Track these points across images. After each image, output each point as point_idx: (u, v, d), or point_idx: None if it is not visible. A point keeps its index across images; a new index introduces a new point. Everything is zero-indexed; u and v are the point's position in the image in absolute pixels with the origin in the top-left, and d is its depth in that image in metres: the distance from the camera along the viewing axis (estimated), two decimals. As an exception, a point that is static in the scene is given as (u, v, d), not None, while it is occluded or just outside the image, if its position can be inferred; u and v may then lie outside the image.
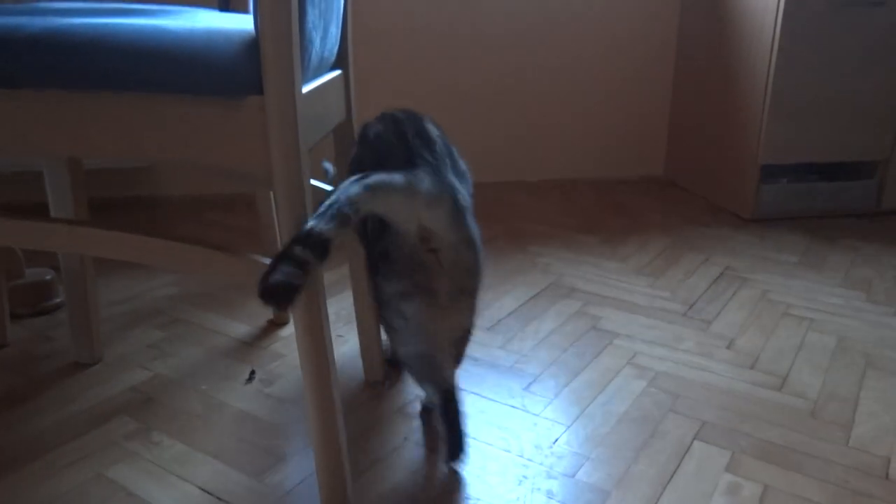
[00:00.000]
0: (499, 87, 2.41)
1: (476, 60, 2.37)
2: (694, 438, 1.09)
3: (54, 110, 0.77)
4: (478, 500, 0.95)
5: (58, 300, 1.48)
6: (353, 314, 1.22)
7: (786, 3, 1.94)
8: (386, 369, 1.24)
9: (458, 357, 1.06)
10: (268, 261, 0.82)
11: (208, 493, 0.95)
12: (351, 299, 1.51)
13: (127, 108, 0.76)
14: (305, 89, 0.84)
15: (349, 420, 1.12)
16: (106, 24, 0.76)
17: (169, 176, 2.23)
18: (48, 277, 1.47)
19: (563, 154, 2.55)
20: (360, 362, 1.28)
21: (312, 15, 0.83)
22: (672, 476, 1.00)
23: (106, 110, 0.77)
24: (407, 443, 1.06)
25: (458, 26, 2.32)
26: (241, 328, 1.41)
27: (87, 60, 0.73)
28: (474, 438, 1.08)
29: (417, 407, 1.15)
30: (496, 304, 1.55)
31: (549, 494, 0.96)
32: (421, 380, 1.05)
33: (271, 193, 1.37)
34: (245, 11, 1.27)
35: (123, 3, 1.60)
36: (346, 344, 1.36)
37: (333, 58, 1.02)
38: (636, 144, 2.60)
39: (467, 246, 0.94)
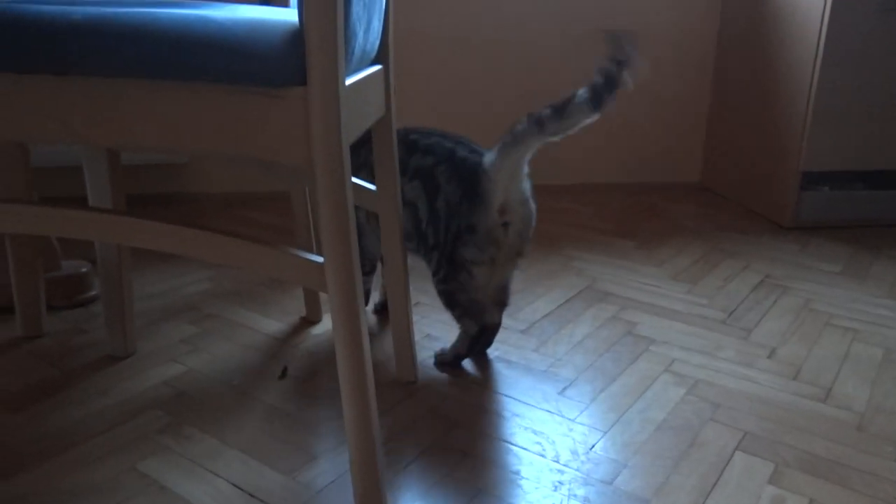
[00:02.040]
0: (535, 91, 2.39)
1: (513, 63, 2.35)
2: (735, 449, 1.05)
3: (99, 98, 0.77)
4: (513, 504, 0.93)
5: (93, 293, 1.49)
6: (387, 314, 1.21)
7: (832, 7, 1.89)
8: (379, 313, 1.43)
9: (503, 300, 1.28)
10: (308, 256, 0.81)
11: (240, 488, 0.94)
12: (384, 299, 1.50)
13: (170, 97, 0.76)
14: (348, 82, 0.83)
15: (382, 419, 1.10)
16: (151, 13, 0.76)
17: (203, 172, 2.24)
18: (84, 270, 1.48)
19: (599, 158, 2.52)
20: (393, 362, 1.26)
21: (357, 7, 0.82)
22: (713, 487, 0.97)
23: (149, 99, 0.76)
24: (440, 443, 1.05)
25: (497, 31, 2.30)
26: (273, 324, 1.40)
27: (132, 47, 0.73)
28: (509, 442, 1.05)
29: (446, 409, 1.14)
30: (530, 306, 1.52)
31: (586, 501, 0.93)
32: (463, 316, 1.23)
33: (306, 191, 1.36)
34: (285, 5, 1.26)
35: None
36: (379, 343, 1.35)
37: (375, 52, 1.01)
38: (673, 150, 2.56)
39: (530, 219, 1.20)
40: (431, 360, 1.28)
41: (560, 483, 0.97)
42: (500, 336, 1.38)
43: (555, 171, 2.50)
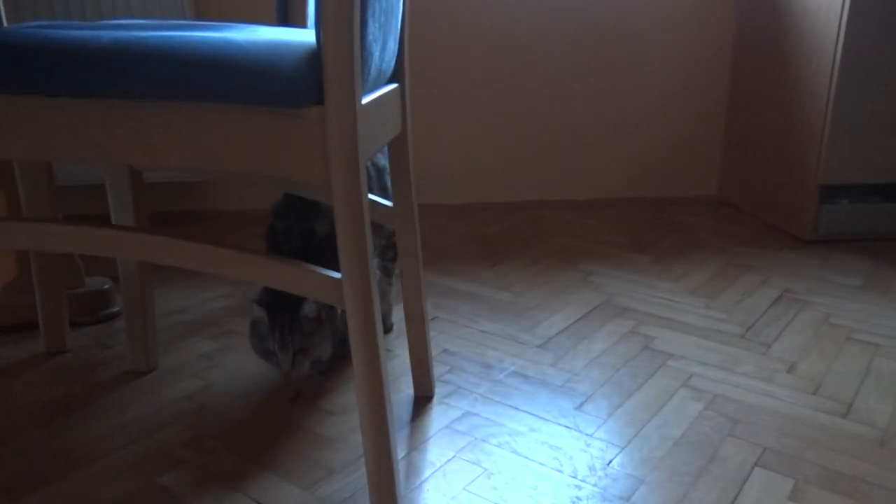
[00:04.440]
0: (549, 104, 2.40)
1: (526, 77, 2.36)
2: (755, 465, 1.05)
3: (125, 120, 0.78)
4: (530, 520, 0.92)
5: (115, 309, 1.51)
6: (404, 330, 1.21)
7: (849, 16, 1.89)
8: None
9: None
10: (326, 272, 0.82)
11: (258, 501, 0.95)
12: (401, 314, 1.51)
13: (193, 118, 0.78)
14: (364, 101, 0.84)
15: (399, 434, 1.11)
16: (173, 36, 0.78)
17: (221, 190, 2.27)
18: (106, 287, 1.51)
19: (614, 173, 2.52)
20: (409, 378, 1.27)
21: (373, 27, 0.83)
22: (732, 503, 0.96)
23: (173, 120, 0.78)
24: (457, 459, 1.05)
25: (508, 43, 2.32)
26: (291, 340, 1.41)
27: (154, 69, 0.75)
28: (525, 457, 1.06)
29: (463, 424, 1.14)
30: (546, 322, 1.53)
31: (604, 517, 0.93)
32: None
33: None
34: (303, 26, 1.29)
35: (186, 20, 1.64)
36: (395, 359, 1.35)
37: (391, 71, 1.03)
38: (689, 163, 2.56)
39: None
40: (448, 376, 1.28)
41: (578, 499, 0.97)
42: (516, 351, 1.38)
43: (570, 187, 2.50)
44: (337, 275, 0.81)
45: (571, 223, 2.25)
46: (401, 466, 1.03)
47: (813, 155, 2.03)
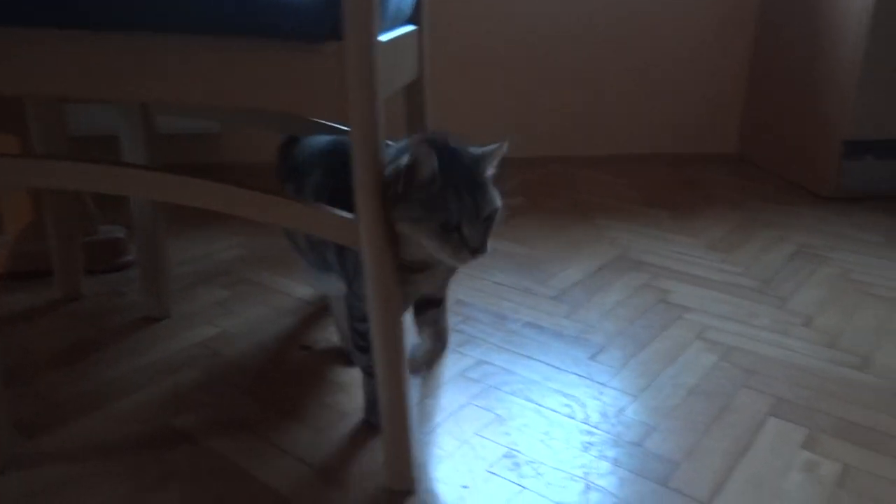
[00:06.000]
0: (567, 58, 2.36)
1: (543, 31, 2.31)
2: (769, 414, 1.04)
3: (139, 54, 0.77)
4: (542, 464, 0.93)
5: (129, 258, 1.51)
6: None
7: (879, -32, 1.82)
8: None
9: None
10: (342, 213, 0.81)
11: (273, 443, 0.96)
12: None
13: (207, 52, 0.76)
14: (383, 38, 0.82)
15: (413, 380, 1.11)
16: (183, -32, 0.76)
17: (237, 142, 2.25)
18: (120, 235, 1.51)
19: (633, 129, 2.48)
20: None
21: (388, -39, 0.81)
22: (745, 451, 0.96)
23: (187, 54, 0.76)
24: (470, 404, 1.05)
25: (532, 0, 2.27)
26: (305, 289, 1.41)
27: (172, 2, 0.73)
28: (538, 404, 1.05)
29: (476, 372, 1.14)
30: (562, 273, 1.51)
31: (615, 462, 0.93)
32: None
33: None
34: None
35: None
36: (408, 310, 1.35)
37: (409, 11, 1.00)
38: (710, 119, 2.51)
39: None
40: (462, 326, 1.28)
41: (590, 444, 0.97)
42: (530, 302, 1.37)
43: (589, 142, 2.47)
44: (353, 216, 0.80)
45: (588, 179, 2.22)
46: (414, 412, 1.03)
47: (838, 110, 1.98)
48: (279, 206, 0.83)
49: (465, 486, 0.88)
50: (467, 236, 0.80)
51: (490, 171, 0.86)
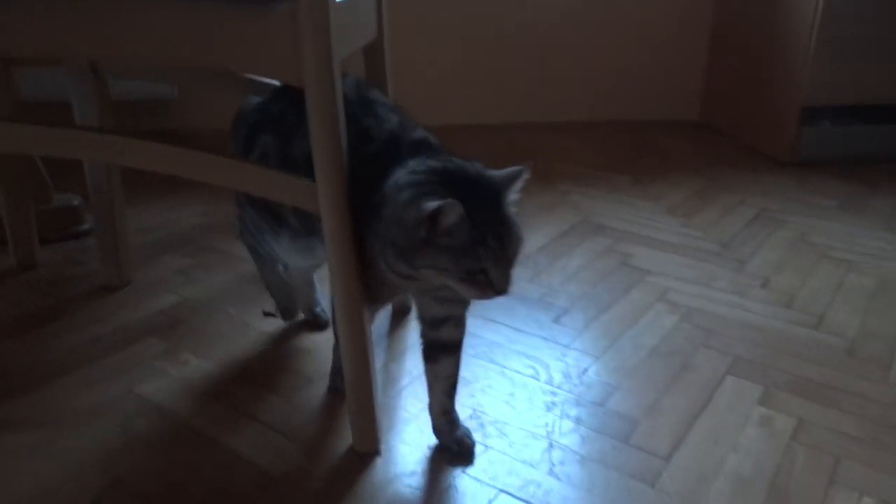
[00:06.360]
0: (529, 24, 2.34)
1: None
2: (726, 373, 1.07)
3: (87, 11, 0.75)
4: (506, 424, 0.94)
5: (86, 227, 1.48)
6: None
7: (838, -67, 1.84)
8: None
9: None
10: (301, 178, 0.80)
11: (236, 408, 0.95)
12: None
13: (159, 10, 0.74)
14: (337, -4, 0.81)
15: (378, 345, 1.11)
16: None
17: (194, 108, 2.21)
18: (76, 203, 1.47)
19: (595, 95, 2.48)
20: (387, 292, 1.27)
21: (345, -84, 0.79)
22: (703, 408, 0.98)
23: (138, 11, 0.74)
24: (434, 369, 1.06)
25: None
26: (268, 257, 1.40)
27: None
28: (502, 366, 1.07)
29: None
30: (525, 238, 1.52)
31: (578, 421, 0.95)
32: None
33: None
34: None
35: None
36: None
37: (366, -30, 0.98)
38: (671, 86, 2.53)
39: None
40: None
41: (553, 404, 0.98)
42: (494, 267, 1.38)
43: (551, 108, 2.47)
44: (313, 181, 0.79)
45: (551, 145, 2.23)
46: (378, 376, 1.04)
47: (796, 76, 2.01)
48: (236, 169, 0.81)
49: (430, 447, 0.90)
50: (494, 279, 0.74)
51: (512, 197, 0.78)
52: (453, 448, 0.89)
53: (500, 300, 1.21)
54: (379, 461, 0.87)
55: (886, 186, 1.91)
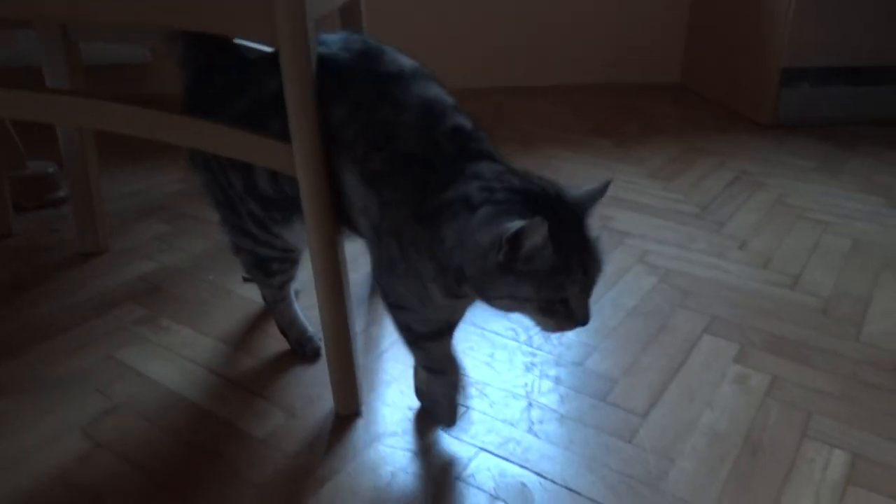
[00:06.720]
0: (512, -14, 2.31)
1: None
2: (703, 332, 1.08)
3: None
4: (486, 385, 0.95)
5: (61, 194, 1.46)
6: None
7: None
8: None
9: None
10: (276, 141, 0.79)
11: (216, 373, 0.95)
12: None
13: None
14: (310, -47, 0.79)
15: (358, 309, 1.11)
16: None
17: (169, 73, 2.17)
18: (50, 170, 1.45)
19: (576, 59, 2.47)
20: (365, 261, 1.26)
21: None
22: (680, 366, 1.00)
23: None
24: (415, 332, 1.06)
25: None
26: (247, 223, 1.39)
27: None
28: (482, 328, 1.07)
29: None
30: (506, 203, 1.52)
31: (557, 381, 0.96)
32: None
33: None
34: None
35: None
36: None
37: (340, -73, 0.96)
38: (652, 49, 2.51)
39: None
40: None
41: (532, 365, 0.99)
42: (475, 231, 1.38)
43: (532, 73, 2.45)
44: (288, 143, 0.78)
45: (533, 109, 2.22)
46: (359, 340, 1.04)
47: (776, 38, 2.00)
48: (210, 130, 0.80)
49: (411, 408, 0.90)
50: (575, 309, 0.68)
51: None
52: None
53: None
54: (360, 422, 0.88)
55: (864, 148, 1.92)
